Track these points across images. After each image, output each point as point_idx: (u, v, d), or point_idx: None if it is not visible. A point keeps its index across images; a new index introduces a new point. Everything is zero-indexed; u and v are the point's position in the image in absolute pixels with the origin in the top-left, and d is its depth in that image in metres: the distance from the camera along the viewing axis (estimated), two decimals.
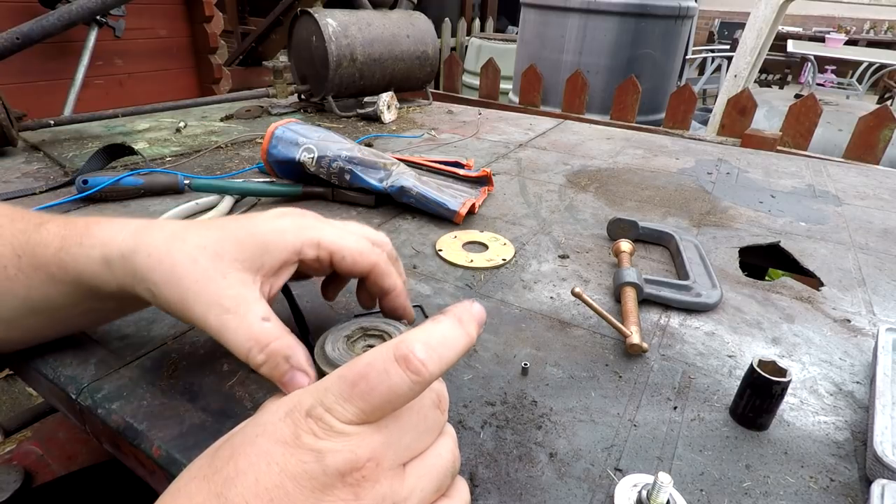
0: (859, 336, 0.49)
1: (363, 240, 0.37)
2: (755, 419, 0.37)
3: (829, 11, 7.40)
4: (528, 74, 1.96)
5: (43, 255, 0.35)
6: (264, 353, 0.30)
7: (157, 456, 0.34)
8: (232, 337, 0.30)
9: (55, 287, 0.35)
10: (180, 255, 0.32)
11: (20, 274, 0.35)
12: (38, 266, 0.35)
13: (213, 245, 0.32)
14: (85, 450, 0.78)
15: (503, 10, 6.77)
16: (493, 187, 0.80)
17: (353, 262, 0.36)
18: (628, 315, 0.48)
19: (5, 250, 0.35)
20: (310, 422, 0.23)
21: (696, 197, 0.83)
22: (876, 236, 0.72)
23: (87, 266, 0.34)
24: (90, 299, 0.36)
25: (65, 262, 0.34)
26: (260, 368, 0.30)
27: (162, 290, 0.31)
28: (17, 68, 2.04)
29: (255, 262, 0.33)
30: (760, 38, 2.07)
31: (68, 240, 0.35)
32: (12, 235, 0.36)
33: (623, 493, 0.31)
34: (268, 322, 0.31)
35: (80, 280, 0.34)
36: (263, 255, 0.33)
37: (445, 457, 0.26)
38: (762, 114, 2.52)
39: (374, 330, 0.34)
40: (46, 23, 0.94)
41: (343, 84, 1.19)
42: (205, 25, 2.63)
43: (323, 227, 0.36)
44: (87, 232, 0.35)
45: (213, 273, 0.31)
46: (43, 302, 0.36)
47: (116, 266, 0.33)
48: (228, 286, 0.31)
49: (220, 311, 0.30)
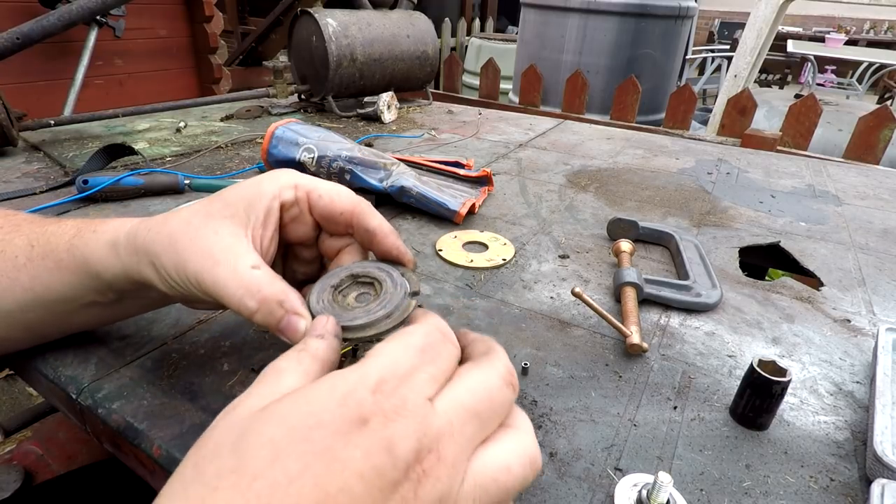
0: (859, 336, 0.49)
1: (339, 186, 0.36)
2: (755, 419, 0.37)
3: (829, 11, 7.40)
4: (528, 74, 1.96)
5: (56, 242, 0.36)
6: (255, 299, 0.30)
7: (158, 455, 0.34)
8: (223, 287, 0.30)
9: (60, 275, 0.36)
10: (175, 221, 0.33)
11: (29, 263, 0.36)
12: (48, 254, 0.36)
13: (204, 208, 0.33)
14: (85, 449, 0.78)
15: (503, 10, 6.77)
16: (493, 187, 0.80)
17: (331, 200, 0.35)
18: (628, 315, 0.48)
19: (21, 242, 0.37)
20: (378, 398, 0.21)
21: (696, 197, 0.83)
22: (876, 236, 0.72)
23: (96, 250, 0.35)
24: (92, 289, 0.36)
25: (75, 248, 0.35)
26: (254, 317, 0.30)
27: (162, 259, 0.32)
28: (17, 68, 2.04)
29: (242, 217, 0.33)
30: (760, 38, 2.07)
31: (84, 229, 0.36)
32: (30, 230, 0.37)
33: (623, 493, 0.31)
34: (258, 269, 0.31)
35: (87, 265, 0.35)
36: (248, 207, 0.33)
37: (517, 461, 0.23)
38: (762, 114, 2.52)
39: (366, 277, 0.33)
40: (46, 23, 0.94)
41: (343, 84, 1.19)
42: (205, 25, 2.63)
43: (300, 174, 0.36)
44: (104, 223, 0.36)
45: (204, 231, 0.32)
46: (45, 292, 0.36)
47: (122, 247, 0.34)
48: (219, 240, 0.32)
49: (211, 264, 0.31)
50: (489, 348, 0.27)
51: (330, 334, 0.27)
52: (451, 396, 0.23)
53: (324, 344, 0.26)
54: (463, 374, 0.24)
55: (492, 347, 0.27)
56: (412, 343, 0.24)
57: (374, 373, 0.21)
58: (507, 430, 0.24)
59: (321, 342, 0.26)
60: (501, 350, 0.27)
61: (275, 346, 0.44)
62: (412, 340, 0.24)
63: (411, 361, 0.23)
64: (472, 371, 0.24)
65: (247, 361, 0.42)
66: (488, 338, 0.28)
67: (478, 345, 0.28)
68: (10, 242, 0.37)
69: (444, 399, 0.22)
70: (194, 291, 0.31)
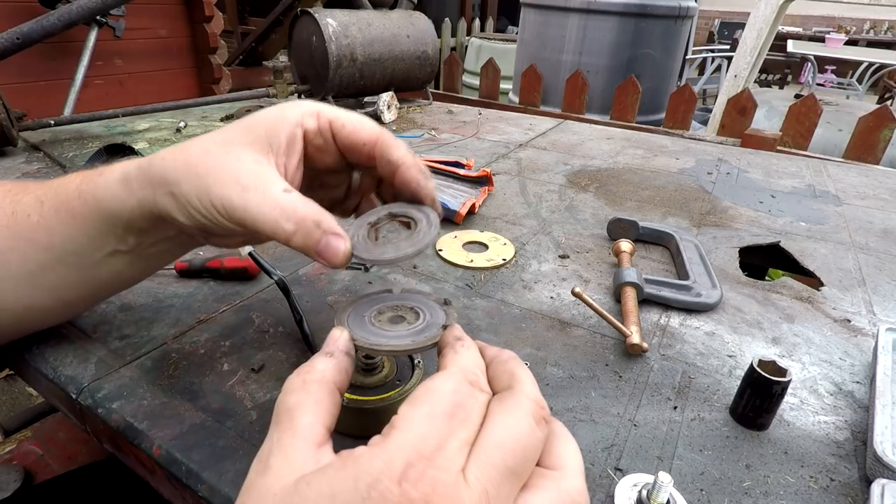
0: (859, 336, 0.49)
1: (360, 115, 0.36)
2: (755, 419, 0.37)
3: (829, 11, 7.40)
4: (528, 74, 1.96)
5: (66, 193, 0.35)
6: (292, 221, 0.29)
7: (158, 455, 0.34)
8: (255, 212, 0.30)
9: (75, 224, 0.35)
10: (193, 148, 0.32)
11: (42, 220, 0.35)
12: (59, 206, 0.35)
13: (222, 136, 0.33)
14: (85, 449, 0.78)
15: (503, 10, 6.77)
16: (493, 187, 0.80)
17: (354, 129, 0.34)
18: (628, 315, 0.48)
19: (30, 200, 0.36)
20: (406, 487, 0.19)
21: (696, 197, 0.83)
22: (876, 236, 0.72)
23: (107, 189, 0.34)
24: (110, 234, 0.35)
25: (85, 193, 0.35)
26: (291, 240, 0.30)
27: (182, 186, 0.31)
28: (17, 68, 2.04)
29: (264, 144, 0.32)
30: (760, 38, 2.07)
31: (90, 174, 0.35)
32: (37, 188, 0.37)
33: (623, 493, 0.31)
34: (290, 193, 0.30)
35: (100, 207, 0.34)
36: (270, 135, 0.32)
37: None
38: (762, 114, 2.52)
39: (404, 216, 0.33)
40: (46, 23, 0.94)
41: (343, 84, 1.18)
42: (205, 25, 2.63)
43: (323, 104, 0.35)
44: (107, 168, 0.35)
45: (226, 157, 0.31)
46: (64, 246, 0.35)
47: (133, 179, 0.33)
48: (243, 166, 0.31)
49: (240, 189, 0.30)
50: (511, 377, 0.25)
51: (340, 352, 0.27)
52: (483, 459, 0.21)
53: (331, 363, 0.26)
54: (490, 425, 0.22)
55: (514, 376, 0.25)
56: (439, 409, 0.22)
57: (399, 456, 0.20)
58: (548, 473, 0.23)
59: (329, 362, 0.26)
60: (525, 377, 0.25)
61: (275, 345, 0.44)
62: (440, 406, 0.22)
63: (440, 432, 0.21)
64: (499, 417, 0.23)
65: (247, 361, 0.42)
66: (507, 356, 0.26)
67: (498, 370, 0.26)
68: (19, 202, 0.36)
69: (475, 465, 0.21)
70: (220, 219, 0.31)
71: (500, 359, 0.26)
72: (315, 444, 0.23)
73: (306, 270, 0.56)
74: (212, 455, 0.33)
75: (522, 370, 0.25)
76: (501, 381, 0.25)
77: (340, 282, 0.54)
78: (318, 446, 0.23)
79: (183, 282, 0.52)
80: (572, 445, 0.24)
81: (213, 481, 0.32)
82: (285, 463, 0.22)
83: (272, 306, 0.49)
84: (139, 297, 0.50)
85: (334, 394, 0.25)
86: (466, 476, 0.20)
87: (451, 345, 0.27)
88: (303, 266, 0.56)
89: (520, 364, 0.26)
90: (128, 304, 0.48)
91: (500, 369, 0.26)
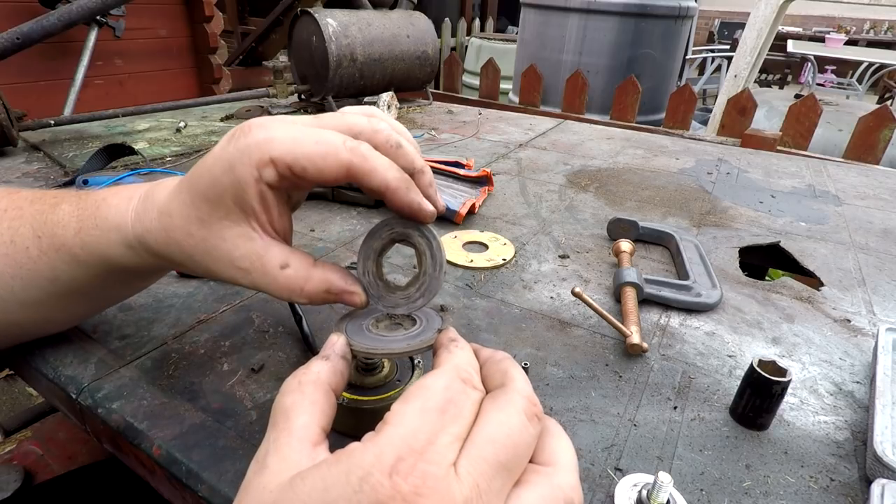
0: (859, 336, 0.49)
1: (330, 135, 0.29)
2: (755, 419, 0.37)
3: (829, 11, 7.39)
4: (528, 74, 1.96)
5: (63, 236, 0.35)
6: (302, 296, 0.31)
7: (157, 455, 0.34)
8: (266, 289, 0.31)
9: (81, 269, 0.35)
10: (177, 233, 0.32)
11: (43, 256, 0.35)
12: (59, 247, 0.35)
13: (193, 213, 0.31)
14: (85, 449, 0.78)
15: (503, 10, 6.77)
16: (493, 187, 0.80)
17: (319, 170, 0.29)
18: (628, 315, 0.48)
19: (26, 231, 0.35)
20: (396, 480, 0.19)
21: (696, 197, 0.83)
22: (876, 236, 0.72)
23: (110, 249, 0.34)
24: (118, 276, 0.36)
25: (88, 245, 0.34)
26: (311, 303, 0.32)
27: (189, 265, 0.33)
28: (17, 68, 2.04)
29: (238, 213, 0.30)
30: (760, 38, 2.07)
31: (84, 222, 0.35)
32: (31, 217, 0.36)
33: (623, 493, 0.31)
34: (287, 269, 0.30)
35: (108, 262, 0.35)
36: (239, 203, 0.30)
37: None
38: (762, 114, 2.52)
39: (406, 242, 0.32)
40: (46, 23, 0.94)
41: (343, 84, 1.18)
42: (205, 25, 2.63)
43: (272, 136, 0.29)
44: (98, 214, 0.34)
45: (213, 241, 0.31)
46: (70, 283, 0.36)
47: (138, 249, 0.34)
48: (233, 249, 0.30)
49: (242, 274, 0.31)
50: (504, 375, 0.25)
51: (336, 355, 0.27)
52: (474, 454, 0.21)
53: (327, 366, 0.26)
54: (482, 421, 0.23)
55: (507, 374, 0.25)
56: (431, 405, 0.22)
57: (390, 451, 0.20)
58: (540, 469, 0.23)
59: (324, 364, 0.26)
60: (518, 376, 0.25)
61: (275, 345, 0.44)
62: (431, 401, 0.22)
63: (431, 427, 0.21)
64: (491, 414, 0.23)
65: (247, 361, 0.42)
66: (501, 356, 0.27)
67: (492, 370, 0.26)
68: (17, 231, 0.35)
69: (466, 459, 0.21)
70: (233, 283, 0.32)
71: (494, 359, 0.27)
72: (311, 444, 0.23)
73: None
74: (212, 455, 0.33)
75: (515, 369, 0.26)
76: (495, 379, 0.25)
77: None
78: (313, 446, 0.23)
79: (183, 282, 0.52)
80: (565, 442, 0.24)
81: (213, 481, 0.32)
82: (282, 462, 0.22)
83: (272, 306, 0.49)
84: (139, 297, 0.49)
85: (329, 395, 0.25)
86: (458, 470, 0.21)
87: (446, 346, 0.27)
88: None
89: (513, 364, 0.26)
90: (128, 304, 0.48)
91: (494, 369, 0.26)
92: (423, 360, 0.38)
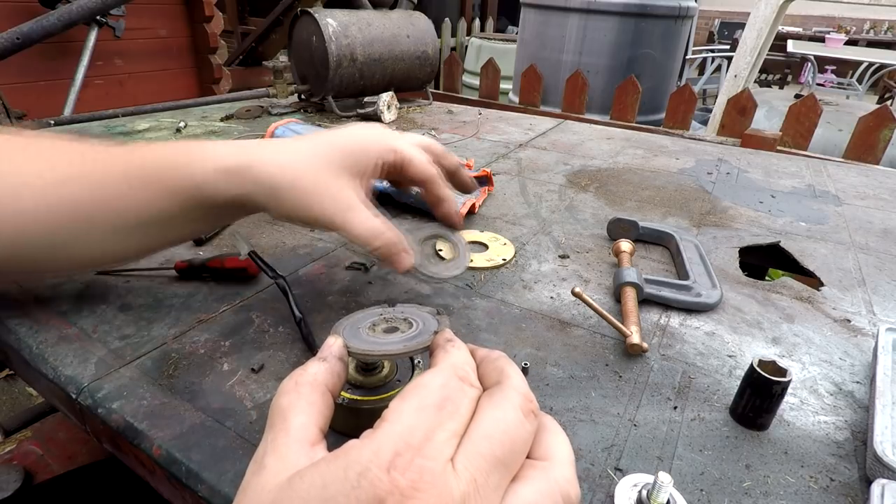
0: (859, 336, 0.49)
1: (424, 154, 0.46)
2: (755, 419, 0.37)
3: (829, 11, 7.40)
4: (528, 74, 1.96)
5: (154, 168, 0.40)
6: (380, 240, 0.41)
7: (157, 455, 0.34)
8: (355, 229, 0.40)
9: (170, 200, 0.40)
10: (300, 164, 0.40)
11: (132, 192, 0.40)
12: (150, 181, 0.40)
13: (324, 155, 0.41)
14: (85, 449, 0.78)
15: (503, 10, 6.77)
16: (493, 187, 0.80)
17: (417, 171, 0.45)
18: (628, 315, 0.48)
19: (116, 170, 0.40)
20: (394, 475, 0.20)
21: (696, 197, 0.83)
22: (876, 236, 0.72)
23: (203, 177, 0.40)
24: (202, 208, 0.41)
25: (181, 177, 0.40)
26: (375, 251, 0.41)
27: (286, 194, 0.40)
28: (17, 68, 2.03)
29: (355, 168, 0.42)
30: (760, 38, 2.07)
31: (180, 157, 0.40)
32: (120, 156, 0.41)
33: (623, 493, 0.31)
34: (378, 218, 0.41)
35: (199, 191, 0.40)
36: (360, 160, 0.42)
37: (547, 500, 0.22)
38: (762, 114, 2.52)
39: (441, 237, 0.45)
40: (46, 23, 0.94)
41: (343, 84, 1.19)
42: (205, 25, 2.63)
43: (396, 138, 0.45)
44: (197, 148, 0.41)
45: (330, 180, 0.40)
46: (156, 215, 0.41)
47: (235, 175, 0.40)
48: (342, 189, 0.41)
49: (343, 209, 0.40)
50: (500, 373, 0.25)
51: (333, 357, 0.27)
52: (471, 450, 0.21)
53: (324, 367, 0.27)
54: (479, 418, 0.23)
55: (503, 372, 0.25)
56: (428, 402, 0.22)
57: (387, 446, 0.20)
58: (537, 464, 0.23)
59: (321, 366, 0.27)
60: (514, 373, 0.25)
61: (275, 345, 0.44)
62: (428, 399, 0.23)
63: (428, 423, 0.22)
64: (488, 411, 0.23)
65: (247, 361, 0.42)
66: (497, 355, 0.27)
67: (488, 368, 0.26)
68: (106, 171, 0.40)
69: (463, 454, 0.21)
70: (313, 223, 0.41)
71: (490, 357, 0.27)
72: (309, 444, 0.23)
73: (306, 270, 0.56)
74: (212, 455, 0.33)
75: (511, 367, 0.26)
76: (491, 377, 0.26)
77: (340, 282, 0.54)
78: (311, 446, 0.23)
79: (183, 282, 0.52)
80: (561, 437, 0.25)
81: (213, 481, 0.32)
82: (280, 462, 0.22)
83: (272, 306, 0.49)
84: (139, 297, 0.50)
85: (326, 396, 0.25)
86: (455, 465, 0.21)
87: (442, 346, 0.27)
88: (303, 266, 0.56)
89: (509, 362, 0.26)
90: (128, 304, 0.48)
91: (490, 367, 0.26)
92: (423, 361, 0.38)
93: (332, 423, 0.26)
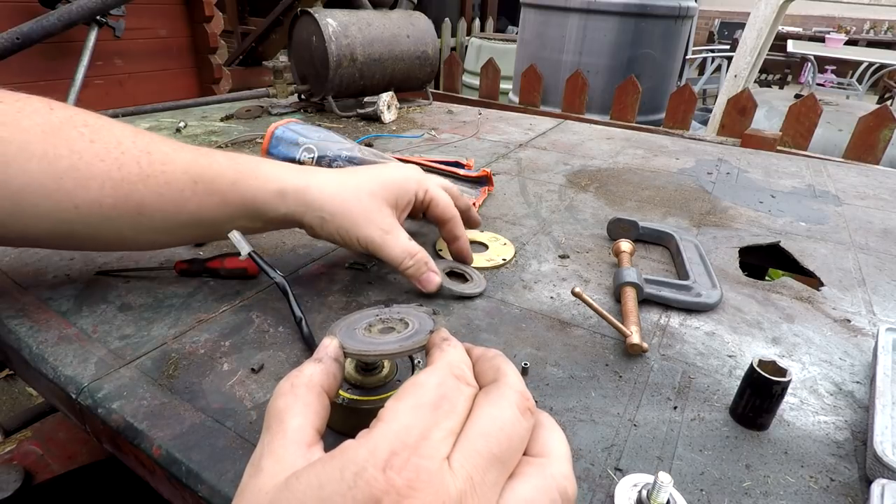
0: (859, 336, 0.49)
1: (447, 195, 0.53)
2: (755, 419, 0.37)
3: (829, 11, 7.40)
4: (528, 74, 1.96)
5: (220, 182, 0.44)
6: (413, 259, 0.47)
7: (157, 455, 0.34)
8: (391, 249, 0.47)
9: (225, 209, 0.45)
10: (348, 193, 0.47)
11: (194, 197, 0.44)
12: (213, 191, 0.44)
13: (368, 186, 0.48)
14: (85, 449, 0.78)
15: (503, 10, 6.77)
16: (493, 187, 0.80)
17: (441, 211, 0.52)
18: (628, 315, 0.48)
19: (182, 176, 0.44)
20: (390, 475, 0.20)
21: (696, 197, 0.83)
22: (876, 236, 0.72)
23: (262, 195, 0.45)
24: (256, 220, 0.46)
25: (241, 191, 0.45)
26: (407, 270, 0.48)
27: (334, 218, 0.46)
28: (17, 68, 2.03)
29: (394, 200, 0.49)
30: (760, 38, 2.07)
31: (243, 174, 0.45)
32: (185, 163, 0.44)
33: (623, 493, 0.31)
34: (412, 241, 0.48)
35: (254, 205, 0.45)
36: (398, 195, 0.49)
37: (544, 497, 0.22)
38: (762, 114, 2.52)
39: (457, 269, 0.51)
40: (46, 23, 0.94)
41: (343, 84, 1.18)
42: (205, 25, 2.63)
43: (427, 178, 0.52)
44: (259, 168, 0.46)
45: (374, 207, 0.47)
46: (210, 218, 0.45)
47: (290, 197, 0.45)
48: (385, 216, 0.47)
49: (382, 232, 0.47)
50: (497, 372, 0.25)
51: (329, 358, 0.27)
52: (468, 448, 0.21)
53: (319, 368, 0.27)
54: (475, 416, 0.23)
55: (499, 370, 0.25)
56: (424, 401, 0.22)
57: (383, 446, 0.20)
58: (533, 460, 0.23)
59: (317, 367, 0.27)
60: (510, 371, 0.25)
61: (275, 345, 0.44)
62: (424, 398, 0.23)
63: (424, 422, 0.21)
64: (484, 408, 0.23)
65: (247, 361, 0.42)
66: (493, 353, 0.27)
67: (484, 367, 0.26)
68: (172, 175, 0.43)
69: (460, 453, 0.21)
70: (355, 246, 0.47)
71: (486, 356, 0.27)
72: (305, 445, 0.23)
73: (306, 270, 0.56)
74: (212, 455, 0.33)
75: (507, 365, 0.26)
76: (487, 375, 0.26)
77: (340, 282, 0.54)
78: (308, 447, 0.23)
79: (183, 282, 0.52)
80: (558, 434, 0.25)
81: (213, 481, 0.32)
82: (276, 463, 0.22)
83: (272, 306, 0.49)
84: (139, 297, 0.50)
85: (322, 397, 0.25)
86: (451, 464, 0.21)
87: (438, 345, 0.27)
88: (303, 266, 0.56)
89: (505, 360, 0.26)
90: (128, 304, 0.48)
91: (486, 365, 0.26)
92: (422, 361, 0.38)
93: (331, 424, 0.26)
